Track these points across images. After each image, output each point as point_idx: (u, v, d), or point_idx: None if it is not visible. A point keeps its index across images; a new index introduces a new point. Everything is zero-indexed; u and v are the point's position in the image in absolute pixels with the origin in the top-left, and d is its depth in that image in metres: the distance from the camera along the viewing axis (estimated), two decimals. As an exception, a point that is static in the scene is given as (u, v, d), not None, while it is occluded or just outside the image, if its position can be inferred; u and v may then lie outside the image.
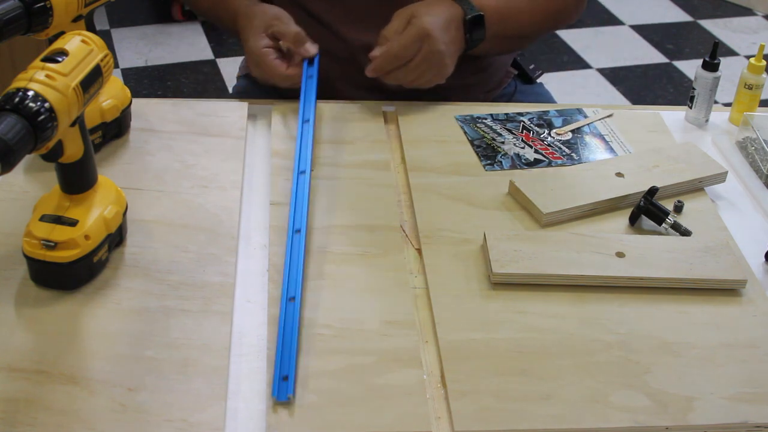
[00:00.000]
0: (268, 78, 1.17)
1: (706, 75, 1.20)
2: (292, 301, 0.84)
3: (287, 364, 0.78)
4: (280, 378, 0.77)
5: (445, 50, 1.12)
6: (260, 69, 1.17)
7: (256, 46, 1.16)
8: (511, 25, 1.22)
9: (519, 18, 1.22)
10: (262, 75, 1.18)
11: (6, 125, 0.72)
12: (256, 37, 1.17)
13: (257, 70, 1.18)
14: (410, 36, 1.11)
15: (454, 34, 1.15)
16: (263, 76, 1.18)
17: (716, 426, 0.78)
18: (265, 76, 1.17)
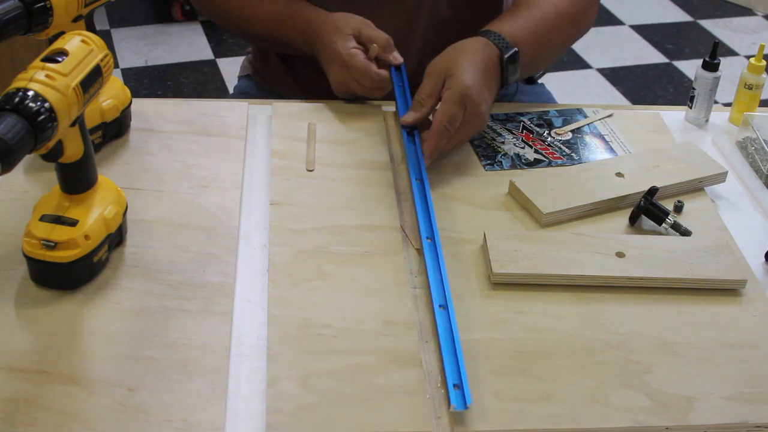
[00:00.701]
0: (356, 79, 1.14)
1: (706, 75, 1.20)
2: (442, 308, 0.84)
3: (455, 372, 0.78)
4: (452, 387, 0.77)
5: (486, 109, 1.08)
6: (350, 69, 1.14)
7: (345, 47, 1.14)
8: (543, 46, 1.18)
9: (549, 37, 1.18)
10: (348, 77, 1.15)
11: (6, 125, 0.72)
12: (344, 39, 1.15)
13: (343, 73, 1.15)
14: (452, 103, 1.04)
15: (492, 80, 1.10)
16: (349, 79, 1.15)
17: (716, 426, 0.78)
18: (352, 78, 1.14)
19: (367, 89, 1.15)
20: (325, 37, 1.17)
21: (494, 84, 1.11)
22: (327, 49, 1.16)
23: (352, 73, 1.14)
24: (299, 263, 0.92)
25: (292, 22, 1.22)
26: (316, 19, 1.20)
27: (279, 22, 1.23)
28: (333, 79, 1.17)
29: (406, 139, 1.08)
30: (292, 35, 1.22)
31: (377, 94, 1.16)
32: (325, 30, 1.18)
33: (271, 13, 1.24)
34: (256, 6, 1.25)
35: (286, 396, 0.77)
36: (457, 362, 0.79)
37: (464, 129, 1.07)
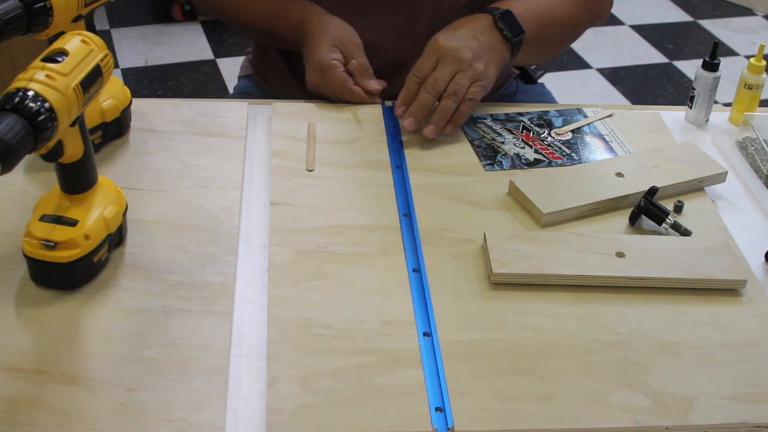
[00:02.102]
0: (329, 87, 1.17)
1: (706, 75, 1.20)
2: (426, 336, 0.84)
3: (438, 395, 0.78)
4: (434, 410, 0.76)
5: (456, 45, 1.10)
6: (324, 77, 1.17)
7: (327, 56, 1.16)
8: (548, 24, 1.19)
9: (554, 17, 1.20)
10: (322, 83, 1.18)
11: (6, 125, 0.72)
12: (329, 47, 1.17)
13: (319, 76, 1.18)
14: (422, 56, 1.13)
15: (486, 38, 1.12)
16: (322, 85, 1.18)
17: (716, 426, 0.78)
18: (324, 85, 1.17)
19: (340, 94, 1.18)
20: (314, 37, 1.19)
21: (490, 41, 1.13)
22: (311, 50, 1.18)
23: (328, 83, 1.17)
24: (299, 263, 0.91)
25: (287, 16, 1.23)
26: (312, 17, 1.21)
27: (274, 15, 1.25)
28: (309, 80, 1.20)
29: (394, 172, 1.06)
30: (286, 29, 1.24)
31: (350, 100, 1.19)
32: (316, 30, 1.19)
33: (268, 5, 1.25)
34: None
35: (286, 396, 0.77)
36: (440, 386, 0.78)
37: (444, 72, 1.10)
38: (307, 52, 1.19)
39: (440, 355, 0.81)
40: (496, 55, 1.13)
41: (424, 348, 0.82)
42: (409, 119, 1.11)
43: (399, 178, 1.05)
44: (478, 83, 1.11)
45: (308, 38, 1.20)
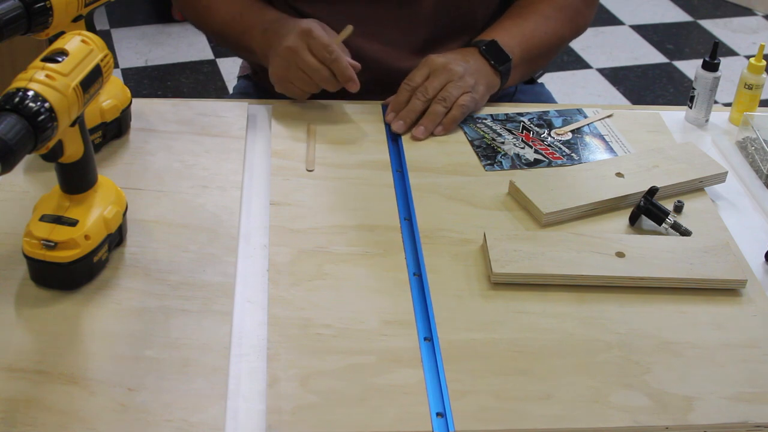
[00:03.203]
0: (304, 56, 1.11)
1: (706, 75, 1.20)
2: (427, 341, 0.83)
3: (439, 401, 0.77)
4: (435, 415, 0.76)
5: (447, 61, 1.15)
6: (304, 41, 1.11)
7: (310, 23, 1.13)
8: (535, 46, 1.24)
9: (540, 39, 1.24)
10: (299, 50, 1.11)
11: (6, 125, 0.72)
12: (308, 22, 1.13)
13: (298, 41, 1.11)
14: (416, 68, 1.17)
15: (475, 62, 1.18)
16: (293, 67, 1.12)
17: (716, 426, 0.78)
18: (300, 54, 1.11)
19: (309, 80, 1.12)
20: (289, 22, 1.15)
21: (479, 65, 1.18)
22: (286, 25, 1.15)
23: (311, 45, 1.10)
24: (299, 263, 0.91)
25: (257, 17, 1.21)
26: (285, 17, 1.19)
27: (241, 19, 1.22)
28: (273, 71, 1.15)
29: (394, 175, 1.07)
30: (247, 37, 1.21)
31: (318, 86, 1.13)
32: (290, 20, 1.17)
33: (238, 9, 1.23)
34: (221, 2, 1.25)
35: (286, 396, 0.77)
36: (440, 390, 0.78)
37: (435, 81, 1.14)
38: (280, 33, 1.15)
39: (441, 360, 0.81)
40: (486, 78, 1.18)
41: (425, 352, 0.82)
42: (398, 122, 1.14)
43: (399, 181, 1.05)
44: (469, 94, 1.15)
45: (282, 26, 1.15)
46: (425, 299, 0.88)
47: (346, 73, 1.11)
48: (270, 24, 1.18)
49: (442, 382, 0.79)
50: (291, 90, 1.15)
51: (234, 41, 1.25)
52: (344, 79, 1.11)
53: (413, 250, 0.94)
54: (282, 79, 1.14)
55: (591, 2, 1.31)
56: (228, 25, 1.24)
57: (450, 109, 1.14)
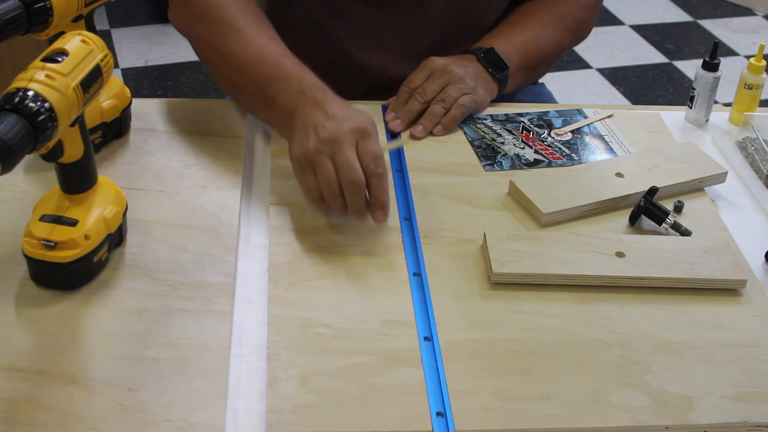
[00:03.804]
0: (346, 158, 0.90)
1: (706, 75, 1.20)
2: (427, 340, 0.83)
3: (439, 400, 0.77)
4: (435, 415, 0.76)
5: (447, 63, 1.16)
6: (329, 155, 0.90)
7: (345, 136, 0.91)
8: (532, 53, 1.24)
9: (538, 47, 1.25)
10: (322, 164, 0.90)
11: (6, 125, 0.72)
12: (351, 130, 0.92)
13: (319, 160, 0.90)
14: (416, 70, 1.17)
15: (474, 67, 1.18)
16: (322, 165, 0.90)
17: (716, 426, 0.78)
18: (324, 166, 0.90)
19: (333, 184, 0.90)
20: (333, 106, 0.95)
21: (478, 71, 1.19)
22: (331, 108, 0.94)
23: (361, 147, 0.91)
24: (299, 263, 0.91)
25: (296, 71, 1.00)
26: (327, 90, 0.98)
27: (275, 64, 1.01)
28: (299, 149, 0.93)
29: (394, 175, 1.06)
30: (286, 86, 0.99)
31: (334, 200, 0.92)
32: (336, 102, 0.96)
33: (264, 49, 1.03)
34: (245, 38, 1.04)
35: (286, 396, 0.77)
36: (440, 390, 0.78)
37: (434, 84, 1.14)
38: (325, 110, 0.94)
39: (441, 360, 0.81)
40: (485, 83, 1.19)
41: (425, 352, 0.82)
42: (396, 121, 1.14)
43: (399, 181, 1.05)
44: (468, 95, 1.15)
45: (329, 103, 0.95)
46: (425, 299, 0.88)
47: (382, 197, 0.91)
48: (310, 89, 0.97)
49: (442, 382, 0.79)
50: (307, 180, 0.93)
51: (252, 83, 1.02)
52: (377, 202, 0.91)
53: (413, 250, 0.94)
54: (305, 163, 0.92)
55: (592, 12, 1.32)
56: (255, 64, 1.02)
57: (449, 109, 1.14)
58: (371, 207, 0.91)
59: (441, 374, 0.80)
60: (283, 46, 1.03)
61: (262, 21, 1.07)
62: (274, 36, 1.05)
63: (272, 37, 1.04)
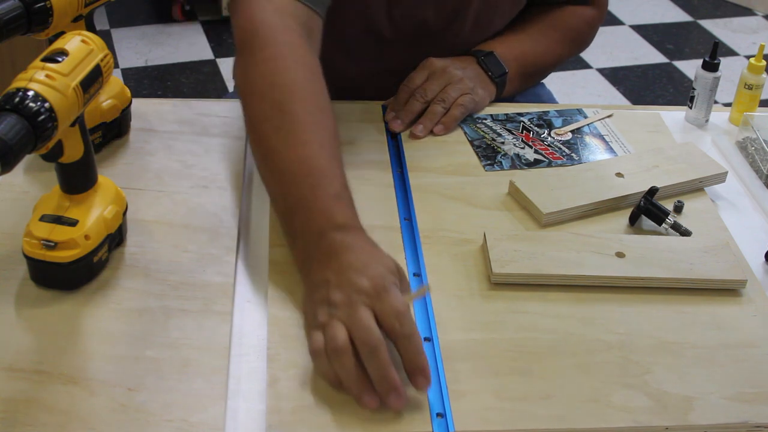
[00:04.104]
0: (365, 326, 0.75)
1: (706, 75, 1.20)
2: (427, 341, 0.83)
3: (439, 401, 0.77)
4: (435, 416, 0.76)
5: (447, 64, 1.17)
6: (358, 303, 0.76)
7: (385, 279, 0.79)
8: (530, 61, 1.26)
9: (537, 56, 1.27)
10: (354, 312, 0.76)
11: (6, 125, 0.72)
12: (388, 268, 0.80)
13: (350, 303, 0.77)
14: (415, 70, 1.17)
15: (473, 69, 1.19)
16: (367, 302, 0.77)
17: (716, 426, 0.78)
18: (358, 313, 0.76)
19: (348, 362, 0.75)
20: (371, 242, 0.85)
21: (478, 72, 1.20)
22: (375, 249, 0.83)
23: (384, 300, 0.76)
24: (299, 263, 0.91)
25: (328, 194, 0.87)
26: (344, 224, 0.85)
27: (302, 184, 0.88)
28: (326, 295, 0.79)
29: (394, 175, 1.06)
30: (304, 216, 0.86)
31: (347, 375, 0.75)
32: (363, 239, 0.84)
33: (308, 162, 0.89)
34: (295, 139, 0.90)
35: (286, 396, 0.77)
36: (440, 391, 0.78)
37: (433, 84, 1.15)
38: (347, 246, 0.82)
39: (441, 360, 0.81)
40: (483, 84, 1.20)
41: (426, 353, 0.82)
42: (396, 121, 1.14)
43: (399, 181, 1.05)
44: (468, 95, 1.16)
45: (348, 234, 0.83)
46: (425, 299, 0.88)
47: (417, 360, 0.75)
48: (332, 231, 0.83)
49: (442, 382, 0.79)
50: (314, 340, 0.77)
51: (282, 200, 0.90)
52: (413, 367, 0.75)
53: (413, 250, 0.94)
54: (313, 323, 0.79)
55: (594, 26, 1.34)
56: (292, 181, 0.88)
57: (449, 108, 1.15)
58: (408, 374, 0.75)
59: (441, 374, 0.79)
60: (331, 155, 0.90)
61: (323, 111, 0.94)
62: (328, 139, 0.92)
63: (323, 145, 0.90)
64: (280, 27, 0.99)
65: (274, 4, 1.01)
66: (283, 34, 0.98)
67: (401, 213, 1.00)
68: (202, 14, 3.30)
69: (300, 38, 0.99)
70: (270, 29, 0.98)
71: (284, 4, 1.01)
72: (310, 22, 1.04)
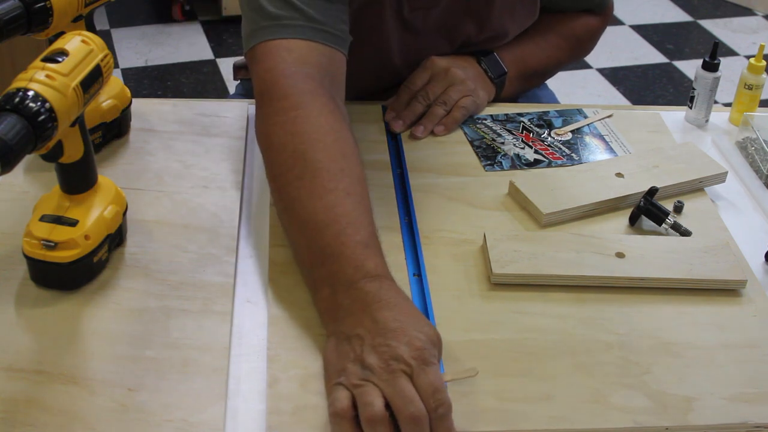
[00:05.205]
0: None
1: (706, 75, 1.20)
2: None
3: None
4: None
5: (449, 65, 1.17)
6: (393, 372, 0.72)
7: (424, 348, 0.74)
8: (530, 65, 1.27)
9: (538, 61, 1.28)
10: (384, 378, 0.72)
11: (6, 125, 0.72)
12: (429, 338, 0.75)
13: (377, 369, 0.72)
14: (417, 70, 1.18)
15: (474, 70, 1.20)
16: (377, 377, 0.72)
17: (716, 426, 0.78)
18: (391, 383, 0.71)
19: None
20: (409, 302, 0.80)
21: (478, 72, 1.20)
22: (414, 311, 0.78)
23: (423, 375, 0.72)
24: (299, 263, 0.91)
25: (353, 248, 0.82)
26: (378, 274, 0.81)
27: (327, 233, 0.84)
28: (344, 348, 0.76)
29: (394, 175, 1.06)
30: (333, 265, 0.82)
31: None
32: (384, 299, 0.78)
33: (333, 210, 0.85)
34: (318, 188, 0.87)
35: (286, 396, 0.77)
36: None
37: (435, 85, 1.15)
38: (383, 299, 0.78)
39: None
40: (483, 84, 1.20)
41: None
42: (397, 122, 1.14)
43: (399, 181, 1.05)
44: (469, 97, 1.16)
45: (383, 286, 0.79)
46: (425, 299, 0.88)
47: None
48: (364, 281, 0.79)
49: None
50: (338, 401, 0.72)
51: (307, 249, 0.86)
52: None
53: (413, 251, 0.94)
54: (342, 382, 0.74)
55: (596, 34, 1.35)
56: (316, 228, 0.84)
57: (450, 110, 1.15)
58: None
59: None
60: (357, 201, 0.86)
61: (348, 157, 0.90)
62: (353, 186, 0.88)
63: (349, 192, 0.86)
64: (300, 76, 0.96)
65: (293, 55, 0.98)
66: (304, 83, 0.95)
67: (401, 213, 1.00)
68: (202, 14, 3.31)
69: (321, 87, 0.96)
70: (290, 78, 0.95)
71: (305, 54, 0.98)
72: (333, 63, 1.01)
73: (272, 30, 0.99)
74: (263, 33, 0.99)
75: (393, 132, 1.14)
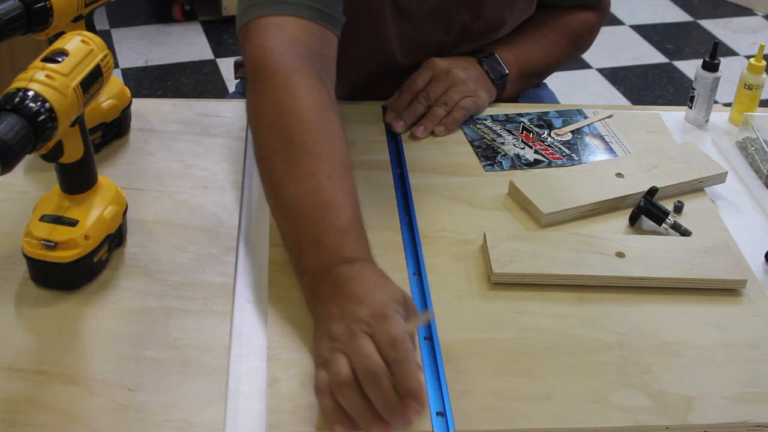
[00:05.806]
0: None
1: (706, 75, 1.20)
2: (427, 340, 0.83)
3: (439, 400, 0.77)
4: (435, 414, 0.76)
5: (450, 66, 1.17)
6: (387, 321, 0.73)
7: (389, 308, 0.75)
8: (530, 64, 1.27)
9: (538, 59, 1.28)
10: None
11: (6, 125, 0.72)
12: (394, 298, 0.77)
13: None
14: (418, 70, 1.18)
15: (475, 71, 1.20)
16: (366, 330, 0.73)
17: (716, 426, 0.78)
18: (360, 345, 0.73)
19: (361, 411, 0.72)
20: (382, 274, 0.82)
21: (479, 73, 1.20)
22: (384, 279, 0.81)
23: (381, 327, 0.73)
24: (299, 263, 0.91)
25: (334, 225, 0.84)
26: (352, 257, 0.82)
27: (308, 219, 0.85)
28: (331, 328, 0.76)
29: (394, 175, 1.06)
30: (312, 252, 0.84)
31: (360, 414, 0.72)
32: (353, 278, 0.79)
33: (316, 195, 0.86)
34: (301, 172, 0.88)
35: (286, 396, 0.77)
36: (440, 390, 0.78)
37: (436, 86, 1.15)
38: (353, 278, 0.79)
39: (441, 360, 0.81)
40: (485, 85, 1.20)
41: (425, 352, 0.82)
42: (399, 122, 1.14)
43: (399, 181, 1.05)
44: (470, 97, 1.17)
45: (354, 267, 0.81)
46: (425, 299, 0.88)
47: (408, 382, 0.71)
48: (339, 265, 0.81)
49: (442, 381, 0.79)
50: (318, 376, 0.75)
51: (290, 233, 0.87)
52: (404, 391, 0.71)
53: (413, 250, 0.94)
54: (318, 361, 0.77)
55: (594, 30, 1.35)
56: (299, 213, 0.86)
57: (451, 111, 1.15)
58: (402, 399, 0.71)
59: (441, 374, 0.80)
60: (339, 186, 0.87)
61: (332, 139, 0.91)
62: (336, 169, 0.88)
63: (332, 176, 0.87)
64: (290, 54, 0.96)
65: (285, 33, 0.98)
66: (294, 61, 0.95)
67: (401, 213, 1.00)
68: (202, 14, 3.31)
69: (310, 65, 0.96)
70: (280, 56, 0.95)
71: (297, 32, 0.98)
72: (324, 43, 1.01)
73: (266, 6, 0.99)
74: (257, 9, 0.99)
75: (393, 132, 1.14)
